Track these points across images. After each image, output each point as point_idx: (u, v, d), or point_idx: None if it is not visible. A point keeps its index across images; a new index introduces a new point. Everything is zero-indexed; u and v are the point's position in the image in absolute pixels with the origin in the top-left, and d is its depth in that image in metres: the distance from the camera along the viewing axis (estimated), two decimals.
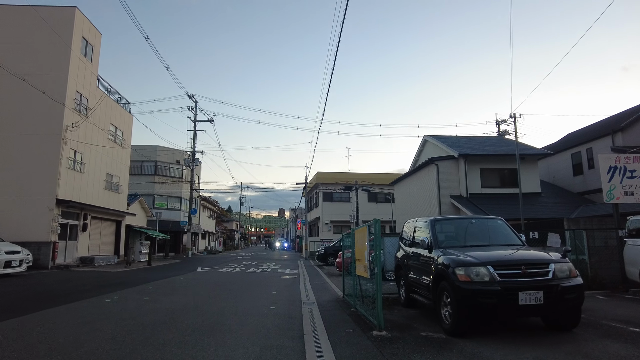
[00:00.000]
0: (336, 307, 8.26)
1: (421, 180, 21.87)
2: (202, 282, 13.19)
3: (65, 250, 19.36)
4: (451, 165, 19.87)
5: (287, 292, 10.74)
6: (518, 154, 17.15)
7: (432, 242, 6.95)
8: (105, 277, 14.68)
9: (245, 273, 16.96)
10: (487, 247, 6.79)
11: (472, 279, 5.58)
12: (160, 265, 21.90)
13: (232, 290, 10.82)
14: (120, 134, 25.34)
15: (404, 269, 8.14)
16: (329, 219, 40.21)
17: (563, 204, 19.54)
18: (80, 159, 20.57)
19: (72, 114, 19.44)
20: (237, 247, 75.52)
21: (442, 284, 6.10)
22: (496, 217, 7.79)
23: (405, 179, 24.89)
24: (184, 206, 38.69)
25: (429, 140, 23.85)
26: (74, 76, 19.83)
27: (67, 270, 17.12)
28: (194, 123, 36.64)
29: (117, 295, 9.42)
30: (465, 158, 19.41)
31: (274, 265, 22.01)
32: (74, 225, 20.16)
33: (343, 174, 40.80)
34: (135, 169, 37.54)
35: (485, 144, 22.81)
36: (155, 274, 16.02)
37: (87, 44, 21.21)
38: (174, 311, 7.48)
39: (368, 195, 40.13)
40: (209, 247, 51.23)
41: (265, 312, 7.57)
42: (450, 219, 7.46)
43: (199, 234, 45.43)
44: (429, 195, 20.49)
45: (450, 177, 19.72)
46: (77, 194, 20.03)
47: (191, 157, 36.35)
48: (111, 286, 11.49)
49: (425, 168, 21.02)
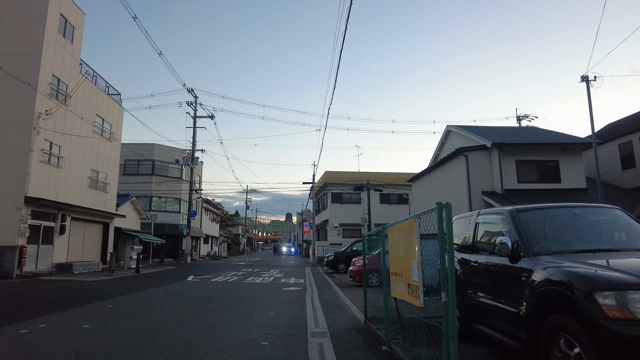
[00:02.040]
0: (359, 342, 5.57)
1: (445, 176, 19.09)
2: (184, 296, 10.56)
3: (37, 256, 16.87)
4: (482, 156, 17.09)
5: (288, 313, 8.07)
6: (593, 133, 14.32)
7: (520, 245, 4.26)
8: (72, 288, 12.12)
9: (242, 283, 14.31)
10: (620, 253, 4.09)
11: (636, 314, 2.89)
12: (149, 273, 19.34)
13: (216, 310, 8.17)
14: (109, 127, 22.93)
15: (460, 286, 5.44)
16: (338, 221, 37.44)
17: (615, 202, 16.60)
18: (58, 152, 18.12)
19: (46, 100, 17.03)
20: (243, 252, 72.94)
21: (556, 319, 3.42)
22: (610, 205, 5.09)
23: (425, 176, 22.12)
24: (183, 208, 36.21)
25: (453, 131, 21.06)
26: (50, 58, 17.45)
27: (33, 280, 14.60)
28: (194, 119, 34.28)
29: (51, 321, 6.78)
30: (500, 148, 16.61)
31: (278, 273, 19.33)
32: (49, 227, 17.68)
33: (353, 173, 38.07)
34: (131, 169, 35.28)
35: (517, 134, 19.99)
36: (134, 285, 13.43)
37: (67, 23, 18.84)
38: (112, 350, 4.85)
39: (380, 197, 37.32)
40: (212, 252, 48.71)
41: (252, 354, 4.90)
42: (541, 209, 4.76)
43: (200, 238, 42.94)
44: (456, 192, 17.71)
45: (481, 171, 16.94)
46: (53, 191, 17.58)
47: (190, 155, 33.95)
48: (63, 303, 8.90)
49: (451, 161, 18.25)
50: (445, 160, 18.84)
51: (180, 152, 35.71)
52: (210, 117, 34.49)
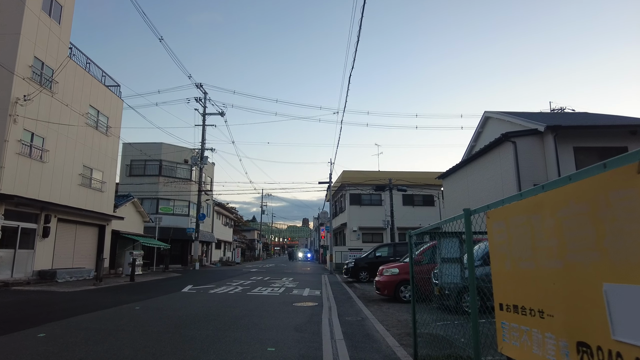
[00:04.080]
0: None
1: (486, 168, 16.27)
2: (162, 316, 8.09)
3: (13, 262, 14.72)
4: (533, 143, 14.25)
5: (295, 347, 5.47)
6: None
7: None
8: (32, 303, 9.82)
9: (244, 296, 11.79)
10: None
11: None
12: (144, 282, 17.03)
13: (192, 343, 5.65)
14: (105, 120, 20.87)
15: None
16: (357, 225, 34.64)
17: None
18: (42, 145, 16.05)
19: (25, 84, 14.98)
20: (258, 257, 70.64)
21: None
22: None
23: (459, 171, 19.30)
24: (192, 211, 34.05)
25: (492, 117, 18.18)
26: (31, 38, 15.43)
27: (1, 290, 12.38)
28: (203, 116, 32.19)
29: None
30: (556, 132, 13.74)
31: (290, 282, 16.77)
32: (29, 229, 15.55)
33: (373, 172, 35.27)
34: (138, 170, 33.38)
35: (570, 118, 17.04)
36: (114, 298, 11.07)
37: (54, 1, 16.85)
38: None
39: (403, 198, 34.43)
40: (225, 258, 46.48)
41: None
42: None
43: (211, 243, 40.76)
44: (501, 186, 14.88)
45: (532, 160, 14.09)
46: (34, 188, 15.48)
47: (199, 154, 31.82)
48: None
49: (494, 150, 15.44)
50: (485, 150, 16.03)
51: (189, 152, 33.65)
52: (221, 114, 32.38)
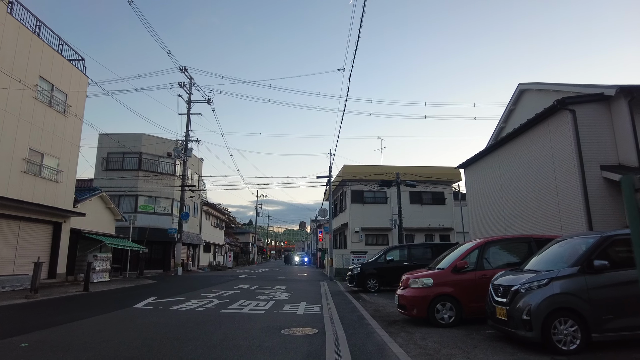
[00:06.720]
0: None
1: (527, 149, 12.96)
2: None
3: None
4: (599, 112, 10.96)
5: None
6: None
7: None
8: None
9: (216, 315, 8.39)
10: None
11: None
12: (101, 292, 13.60)
13: None
14: (63, 97, 17.46)
15: None
16: (359, 225, 31.24)
17: None
18: None
19: None
20: (253, 262, 67.00)
21: None
22: None
23: (486, 157, 16.00)
24: (175, 210, 30.60)
25: (530, 89, 14.85)
26: None
27: None
28: (188, 104, 28.79)
29: None
30: (631, 96, 10.46)
31: (282, 293, 13.35)
32: None
33: (377, 167, 31.95)
34: (115, 163, 29.92)
35: None
36: (23, 321, 7.67)
37: None
38: None
39: (410, 196, 31.12)
40: (215, 262, 42.93)
41: None
42: None
43: (199, 245, 37.28)
44: (552, 168, 11.57)
45: (598, 134, 10.80)
46: None
47: (183, 146, 28.43)
48: None
49: (541, 125, 12.11)
50: (526, 126, 12.70)
51: (173, 144, 30.20)
52: (207, 102, 28.93)
